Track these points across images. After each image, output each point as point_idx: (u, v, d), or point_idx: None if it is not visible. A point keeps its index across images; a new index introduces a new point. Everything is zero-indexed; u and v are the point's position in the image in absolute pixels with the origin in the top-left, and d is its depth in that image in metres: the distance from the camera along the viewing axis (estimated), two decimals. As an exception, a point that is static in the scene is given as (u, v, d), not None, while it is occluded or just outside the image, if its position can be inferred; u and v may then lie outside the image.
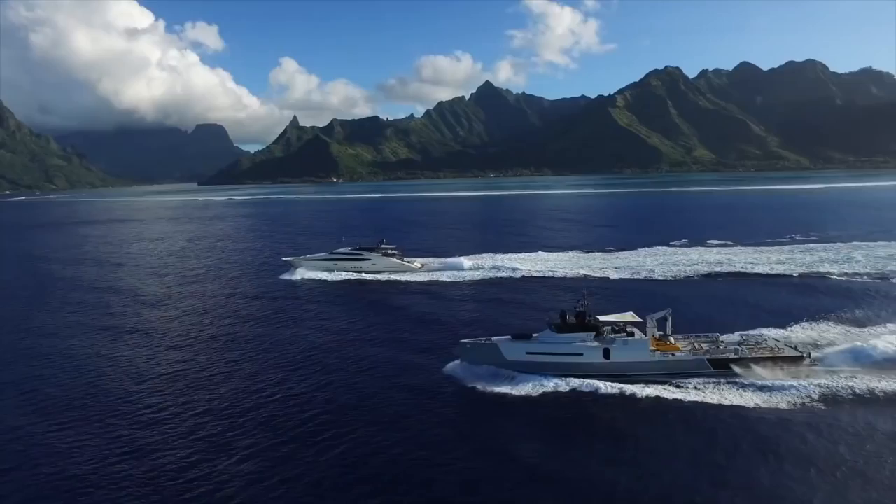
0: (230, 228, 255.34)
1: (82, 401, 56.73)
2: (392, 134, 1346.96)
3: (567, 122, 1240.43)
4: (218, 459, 43.57)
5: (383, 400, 54.16)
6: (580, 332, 58.32)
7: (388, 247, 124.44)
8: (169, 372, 64.23)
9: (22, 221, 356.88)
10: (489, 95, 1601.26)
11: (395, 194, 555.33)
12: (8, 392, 60.01)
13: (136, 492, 39.77)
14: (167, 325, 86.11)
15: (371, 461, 42.74)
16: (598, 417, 49.89)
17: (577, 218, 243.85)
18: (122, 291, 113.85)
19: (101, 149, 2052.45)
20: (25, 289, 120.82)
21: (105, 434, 48.94)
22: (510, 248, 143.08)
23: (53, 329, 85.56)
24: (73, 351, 73.99)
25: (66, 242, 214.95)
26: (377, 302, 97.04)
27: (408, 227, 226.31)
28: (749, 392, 52.35)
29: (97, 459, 44.47)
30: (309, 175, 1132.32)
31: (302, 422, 49.85)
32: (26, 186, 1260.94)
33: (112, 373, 64.75)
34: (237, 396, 56.11)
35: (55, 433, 49.52)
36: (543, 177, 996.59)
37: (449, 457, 43.23)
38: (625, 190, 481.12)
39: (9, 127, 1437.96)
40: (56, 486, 41.06)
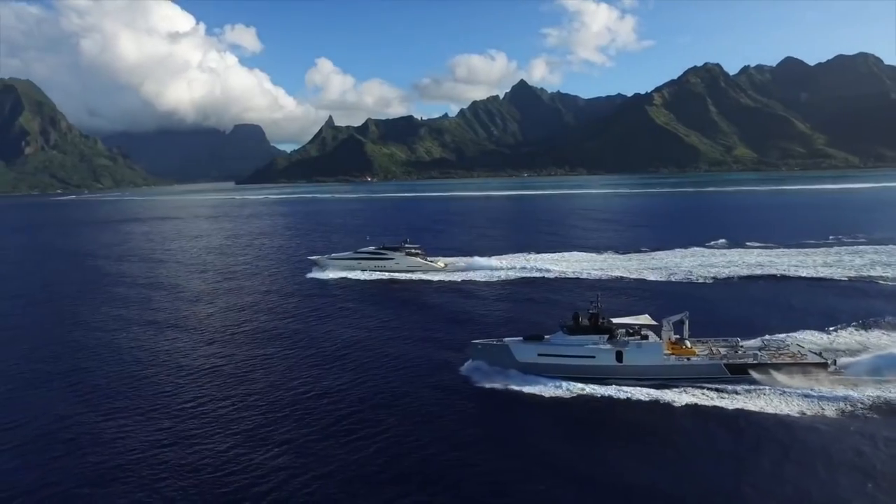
0: (266, 227, 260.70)
1: (126, 392, 58.81)
2: (426, 133, 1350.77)
3: (602, 121, 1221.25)
4: (254, 452, 44.61)
5: (398, 399, 54.69)
6: (593, 335, 57.65)
7: (412, 246, 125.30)
8: (207, 366, 66.13)
9: (73, 219, 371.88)
10: (523, 94, 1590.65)
11: (429, 193, 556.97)
12: (57, 382, 62.63)
13: (176, 481, 41.01)
14: (204, 320, 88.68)
15: (394, 458, 43.30)
16: (613, 419, 49.59)
17: (612, 218, 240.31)
18: (164, 287, 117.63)
19: (144, 149, 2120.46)
20: (76, 283, 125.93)
21: (148, 424, 50.65)
22: (541, 248, 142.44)
23: (100, 322, 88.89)
24: (118, 344, 76.84)
25: (112, 239, 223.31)
26: (399, 301, 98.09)
27: (440, 226, 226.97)
28: (764, 398, 50.85)
29: (140, 449, 46.02)
30: (343, 174, 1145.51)
31: (332, 418, 50.66)
32: (75, 186, 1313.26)
33: (154, 365, 67.02)
34: (269, 391, 57.46)
35: (101, 423, 51.44)
36: (578, 176, 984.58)
37: (471, 455, 43.53)
38: (661, 190, 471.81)
39: (61, 129, 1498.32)
40: (102, 473, 42.61)
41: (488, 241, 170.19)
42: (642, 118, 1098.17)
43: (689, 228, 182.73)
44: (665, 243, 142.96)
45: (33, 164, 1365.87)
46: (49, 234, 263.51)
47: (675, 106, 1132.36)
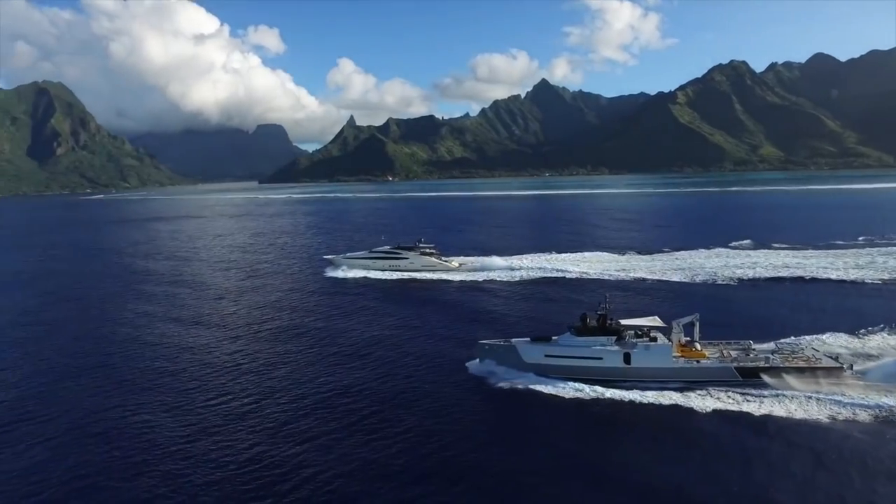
0: (288, 225, 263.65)
1: (153, 387, 60.36)
2: (447, 133, 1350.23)
3: (625, 120, 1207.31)
4: (275, 448, 45.50)
5: (406, 397, 55.38)
6: (600, 336, 57.27)
7: (426, 246, 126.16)
8: (228, 362, 67.52)
9: (102, 218, 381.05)
10: (545, 93, 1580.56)
11: (450, 193, 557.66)
12: (86, 377, 64.39)
13: (200, 475, 42.01)
14: (226, 316, 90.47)
15: (407, 456, 43.91)
16: (627, 420, 49.36)
17: (634, 218, 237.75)
18: (189, 284, 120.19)
19: (169, 149, 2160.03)
20: (105, 280, 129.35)
21: (173, 419, 51.99)
22: (561, 248, 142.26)
23: (128, 319, 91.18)
24: (144, 339, 78.82)
25: (139, 237, 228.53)
26: (412, 300, 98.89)
27: (460, 226, 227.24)
28: (776, 402, 49.96)
29: (166, 443, 47.30)
30: (365, 174, 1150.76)
31: (351, 415, 51.54)
32: (103, 185, 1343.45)
33: (179, 361, 68.61)
34: (289, 388, 58.57)
35: (128, 417, 52.85)
36: (600, 176, 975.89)
37: (486, 455, 43.95)
38: (685, 189, 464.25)
39: (90, 130, 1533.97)
40: (129, 466, 43.81)
41: (507, 241, 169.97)
42: (666, 117, 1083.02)
43: (713, 229, 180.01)
44: (688, 243, 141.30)
45: (64, 164, 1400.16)
46: (79, 232, 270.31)
47: (700, 104, 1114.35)
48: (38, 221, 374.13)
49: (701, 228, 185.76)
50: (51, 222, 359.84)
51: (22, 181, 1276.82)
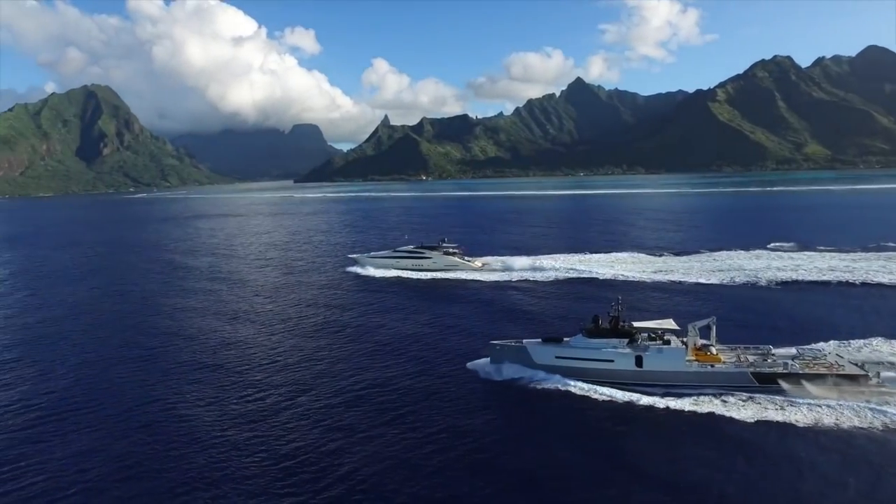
0: (323, 224, 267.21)
1: (197, 375, 62.98)
2: (481, 132, 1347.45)
3: (662, 119, 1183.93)
4: (308, 436, 46.60)
5: (415, 397, 55.56)
6: (612, 338, 56.53)
7: (450, 245, 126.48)
8: (263, 355, 69.58)
9: (146, 216, 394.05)
10: (580, 92, 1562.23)
11: (483, 192, 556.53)
12: (131, 368, 66.90)
13: (240, 460, 43.64)
14: (262, 312, 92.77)
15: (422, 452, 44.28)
16: (648, 424, 48.47)
17: (671, 218, 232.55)
18: (228, 280, 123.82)
19: (208, 149, 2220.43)
20: (150, 275, 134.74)
21: (213, 408, 53.82)
22: (591, 248, 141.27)
23: (171, 312, 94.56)
24: (187, 332, 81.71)
25: (181, 235, 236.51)
26: (433, 299, 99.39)
27: (492, 224, 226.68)
28: (793, 409, 48.56)
29: (213, 426, 49.58)
30: (399, 173, 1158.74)
31: (374, 408, 52.66)
32: (145, 184, 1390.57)
33: (219, 353, 70.99)
34: (319, 380, 60.22)
35: (172, 406, 54.65)
36: (636, 175, 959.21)
37: (498, 454, 44.19)
38: (724, 189, 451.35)
39: (134, 131, 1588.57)
40: (172, 452, 45.39)
41: (537, 240, 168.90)
42: (704, 115, 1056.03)
43: (754, 229, 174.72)
44: (726, 244, 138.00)
45: (109, 164, 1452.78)
46: (125, 229, 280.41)
47: (740, 102, 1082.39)
48: (87, 219, 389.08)
49: (741, 229, 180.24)
50: (98, 220, 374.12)
51: (71, 181, 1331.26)
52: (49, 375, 65.79)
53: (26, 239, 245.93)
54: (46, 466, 44.59)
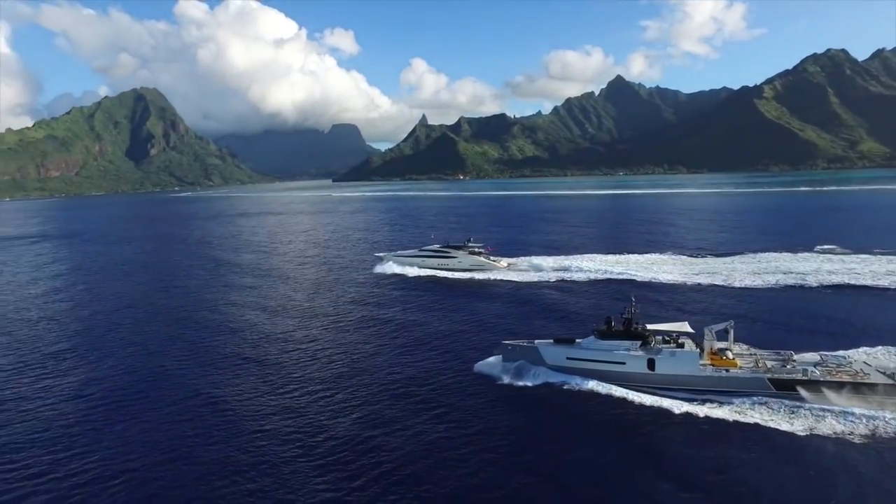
0: (361, 222, 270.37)
1: (238, 368, 65.52)
2: (518, 131, 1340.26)
3: (705, 117, 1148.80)
4: (339, 425, 47.89)
5: (425, 396, 56.15)
6: (625, 340, 55.79)
7: (475, 245, 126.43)
8: (298, 348, 71.60)
9: (192, 214, 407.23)
10: (620, 90, 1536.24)
11: (521, 192, 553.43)
12: (179, 357, 69.92)
13: (282, 447, 45.42)
14: (298, 306, 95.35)
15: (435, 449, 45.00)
16: (667, 429, 47.60)
17: (713, 218, 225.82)
18: (269, 276, 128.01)
19: (250, 148, 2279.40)
20: (196, 270, 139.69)
21: (257, 397, 56.42)
22: (626, 249, 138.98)
23: (216, 306, 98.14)
24: (231, 326, 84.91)
25: (225, 232, 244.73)
26: (455, 298, 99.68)
27: (527, 224, 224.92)
28: (809, 417, 47.36)
29: (252, 417, 51.60)
30: (436, 172, 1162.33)
31: (397, 400, 53.87)
32: (190, 183, 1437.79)
33: (260, 346, 73.61)
34: (351, 374, 61.61)
35: (217, 394, 56.99)
36: (678, 175, 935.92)
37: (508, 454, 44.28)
38: (770, 189, 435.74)
39: (179, 132, 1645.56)
40: (217, 436, 47.51)
41: (572, 241, 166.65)
42: (750, 112, 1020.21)
43: (802, 230, 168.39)
44: (772, 246, 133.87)
45: (156, 163, 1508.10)
46: (172, 227, 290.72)
47: (789, 98, 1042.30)
48: (136, 217, 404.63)
49: (787, 230, 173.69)
50: (146, 217, 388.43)
51: (120, 180, 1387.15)
52: (100, 366, 69.24)
53: (81, 236, 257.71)
54: (98, 453, 47.07)
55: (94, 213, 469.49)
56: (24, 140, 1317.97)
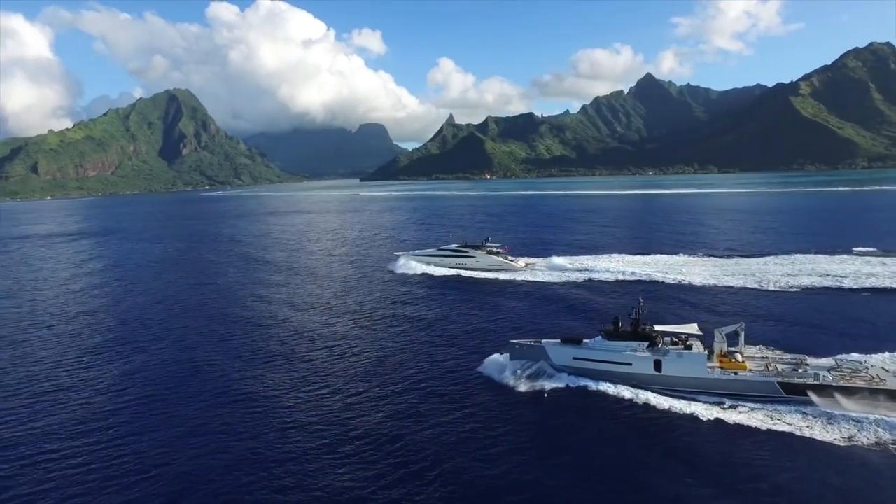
0: (388, 222, 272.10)
1: (268, 361, 67.59)
2: (546, 130, 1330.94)
3: (737, 115, 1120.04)
4: (373, 418, 48.53)
5: (433, 395, 56.70)
6: (632, 341, 55.45)
7: (493, 245, 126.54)
8: (324, 342, 72.70)
9: (224, 212, 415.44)
10: (650, 88, 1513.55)
11: (548, 192, 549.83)
12: (211, 350, 71.78)
13: (309, 438, 46.37)
14: (324, 303, 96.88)
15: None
16: (651, 428, 47.73)
17: (744, 219, 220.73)
18: (298, 272, 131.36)
19: (278, 148, 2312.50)
20: (228, 268, 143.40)
21: (286, 389, 58.10)
22: (649, 250, 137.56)
23: (248, 302, 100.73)
24: (261, 321, 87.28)
25: (256, 230, 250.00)
26: (471, 298, 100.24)
27: (552, 224, 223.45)
28: (819, 422, 46.41)
29: (281, 409, 53.09)
30: (463, 172, 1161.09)
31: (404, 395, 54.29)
32: (220, 182, 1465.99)
33: (289, 341, 75.26)
34: (369, 368, 62.55)
35: (248, 386, 58.37)
36: (709, 174, 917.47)
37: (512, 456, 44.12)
38: (806, 189, 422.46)
39: (210, 132, 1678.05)
40: (247, 426, 48.71)
41: (596, 241, 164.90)
42: (785, 110, 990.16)
43: (839, 232, 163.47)
44: (806, 247, 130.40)
45: (188, 163, 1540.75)
46: (205, 224, 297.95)
47: (827, 95, 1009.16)
48: (170, 215, 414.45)
49: (824, 231, 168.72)
50: (179, 215, 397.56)
51: (154, 179, 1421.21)
52: (134, 360, 71.22)
53: (117, 233, 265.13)
54: (131, 445, 48.45)
55: (128, 212, 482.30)
56: (65, 141, 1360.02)
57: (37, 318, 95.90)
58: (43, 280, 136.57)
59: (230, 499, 39.81)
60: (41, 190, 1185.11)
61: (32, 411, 55.76)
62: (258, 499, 39.67)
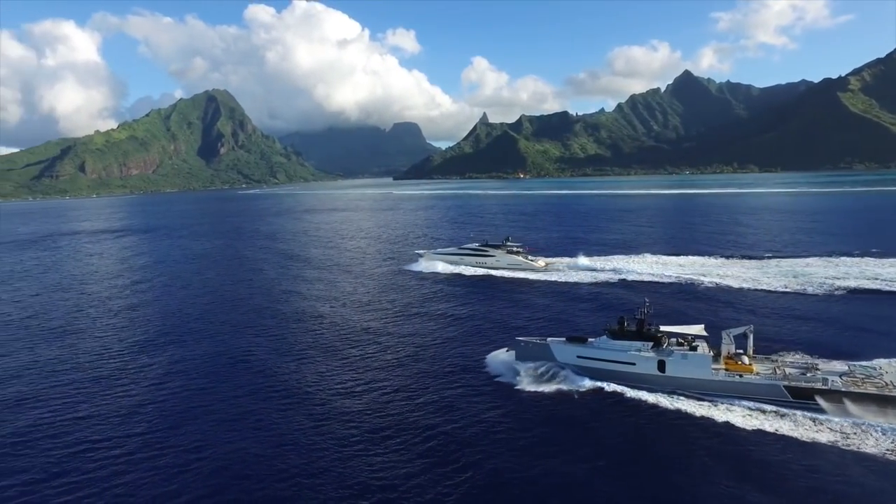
0: (420, 220, 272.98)
1: (306, 352, 69.35)
2: (581, 129, 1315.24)
3: (780, 112, 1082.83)
4: (402, 408, 49.16)
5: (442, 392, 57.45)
6: (636, 341, 55.26)
7: (514, 244, 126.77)
8: (355, 335, 74.08)
9: (262, 210, 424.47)
10: (688, 85, 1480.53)
11: (581, 191, 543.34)
12: (251, 342, 73.61)
13: (343, 424, 46.61)
14: (357, 299, 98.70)
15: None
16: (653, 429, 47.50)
17: (784, 220, 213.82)
18: (333, 268, 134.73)
19: (314, 147, 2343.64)
20: (266, 263, 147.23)
21: (323, 380, 59.19)
22: (675, 251, 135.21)
23: (286, 295, 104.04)
24: (299, 314, 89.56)
25: (294, 227, 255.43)
26: (490, 296, 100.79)
27: (583, 222, 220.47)
28: (826, 427, 45.51)
29: (318, 400, 54.04)
30: (496, 170, 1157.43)
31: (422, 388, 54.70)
32: (256, 181, 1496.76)
33: (324, 335, 76.94)
34: (393, 362, 63.08)
35: (287, 375, 59.67)
36: (749, 174, 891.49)
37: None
38: (853, 189, 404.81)
39: (247, 131, 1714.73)
40: (286, 412, 49.50)
41: (622, 241, 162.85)
42: (832, 106, 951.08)
43: (891, 234, 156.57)
44: (850, 249, 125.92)
45: (225, 162, 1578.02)
46: (244, 221, 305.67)
47: (879, 90, 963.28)
48: (209, 213, 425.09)
49: (871, 232, 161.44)
50: (218, 213, 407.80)
51: (192, 178, 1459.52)
52: (175, 354, 73.39)
53: (159, 230, 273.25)
54: (175, 438, 49.86)
55: (169, 209, 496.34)
56: (110, 141, 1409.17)
57: (84, 311, 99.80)
58: (90, 274, 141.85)
59: (267, 485, 40.87)
60: (88, 188, 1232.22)
61: (77, 401, 57.88)
62: (294, 484, 40.97)
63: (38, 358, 72.85)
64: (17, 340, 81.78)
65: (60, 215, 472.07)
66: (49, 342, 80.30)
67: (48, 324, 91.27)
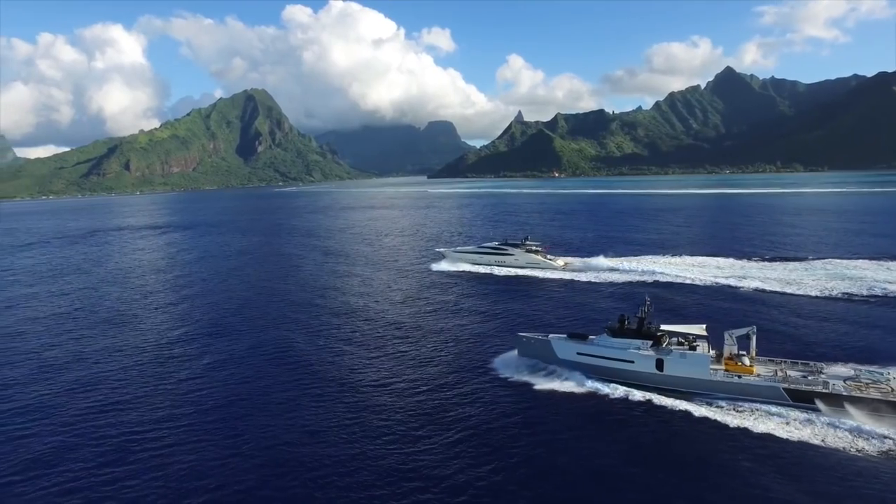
0: (454, 218, 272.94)
1: (339, 346, 68.83)
2: (617, 128, 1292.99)
3: (828, 108, 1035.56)
4: (432, 399, 49.05)
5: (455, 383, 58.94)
6: (636, 339, 55.30)
7: (533, 243, 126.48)
8: (386, 329, 74.49)
9: (299, 207, 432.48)
10: (729, 82, 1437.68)
11: (617, 190, 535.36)
12: (290, 335, 74.67)
13: (375, 415, 46.89)
14: (389, 296, 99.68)
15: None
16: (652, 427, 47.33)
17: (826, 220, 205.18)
18: (367, 264, 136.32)
19: (348, 145, 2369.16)
20: (304, 259, 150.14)
21: (356, 372, 58.90)
22: (700, 251, 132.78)
23: (323, 290, 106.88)
24: (335, 308, 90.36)
25: (331, 224, 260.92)
26: (508, 294, 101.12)
27: (616, 222, 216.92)
28: (828, 429, 45.13)
29: (359, 389, 53.94)
30: (531, 169, 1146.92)
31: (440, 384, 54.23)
32: (292, 179, 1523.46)
33: (358, 330, 77.30)
34: (418, 357, 62.91)
35: (323, 367, 60.38)
36: (793, 173, 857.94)
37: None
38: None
39: (284, 130, 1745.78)
40: (322, 401, 50.23)
41: (659, 241, 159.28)
42: (887, 101, 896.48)
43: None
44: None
45: (262, 160, 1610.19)
46: (282, 218, 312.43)
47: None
48: (247, 210, 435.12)
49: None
50: (256, 210, 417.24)
51: (231, 175, 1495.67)
52: (210, 349, 75.09)
53: (200, 227, 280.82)
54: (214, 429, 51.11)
55: (209, 206, 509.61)
56: (153, 140, 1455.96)
57: (129, 305, 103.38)
58: (134, 269, 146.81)
59: (310, 468, 42.22)
60: (132, 185, 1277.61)
61: (122, 393, 59.66)
62: (332, 472, 42.30)
63: (84, 349, 75.70)
64: (66, 333, 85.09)
65: (107, 211, 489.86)
66: (96, 335, 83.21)
67: (94, 316, 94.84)
